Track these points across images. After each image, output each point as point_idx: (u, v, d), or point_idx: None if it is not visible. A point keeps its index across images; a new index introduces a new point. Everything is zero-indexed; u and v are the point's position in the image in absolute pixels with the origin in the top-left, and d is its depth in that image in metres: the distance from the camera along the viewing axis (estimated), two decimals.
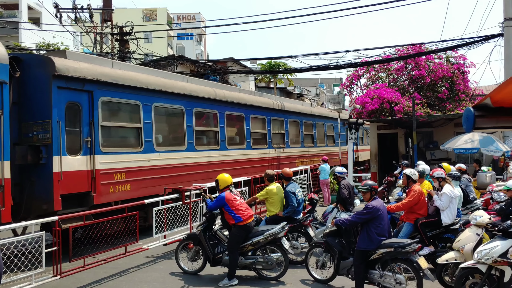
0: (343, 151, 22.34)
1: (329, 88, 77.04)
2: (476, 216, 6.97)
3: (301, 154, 20.23)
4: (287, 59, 27.90)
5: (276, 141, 17.82)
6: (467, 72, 21.02)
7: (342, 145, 22.52)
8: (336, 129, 24.36)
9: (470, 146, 13.86)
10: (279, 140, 18.11)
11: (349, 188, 9.63)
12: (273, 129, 17.48)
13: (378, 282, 6.72)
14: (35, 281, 6.97)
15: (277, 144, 17.78)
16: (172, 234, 9.95)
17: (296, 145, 19.78)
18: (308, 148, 20.93)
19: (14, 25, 31.00)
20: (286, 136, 18.75)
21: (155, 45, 39.52)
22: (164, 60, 23.06)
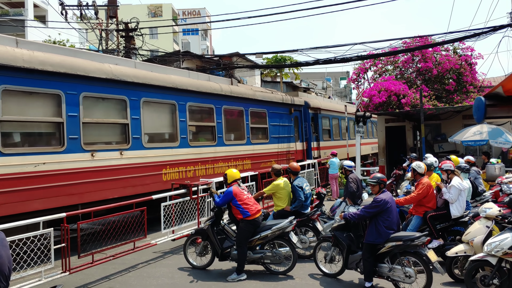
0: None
1: (336, 81, 76.85)
2: (486, 208, 6.92)
3: None
4: (293, 53, 27.88)
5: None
6: (475, 63, 20.84)
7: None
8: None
9: (478, 138, 13.76)
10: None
11: (357, 181, 9.59)
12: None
13: (387, 276, 6.69)
14: (45, 277, 7.00)
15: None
16: (180, 229, 9.96)
17: None
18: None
19: (20, 23, 31.11)
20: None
21: (160, 41, 39.55)
22: (170, 56, 23.06)
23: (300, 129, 18.62)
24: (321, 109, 20.51)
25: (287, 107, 17.65)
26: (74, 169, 9.10)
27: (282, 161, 16.34)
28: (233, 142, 14.30)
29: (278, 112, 16.94)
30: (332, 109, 22.82)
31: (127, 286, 7.31)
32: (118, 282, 7.55)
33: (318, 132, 20.12)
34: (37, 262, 7.01)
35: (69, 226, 7.37)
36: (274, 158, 16.14)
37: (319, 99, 23.41)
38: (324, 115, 21.19)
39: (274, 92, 18.18)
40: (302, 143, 18.70)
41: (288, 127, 17.60)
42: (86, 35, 32.30)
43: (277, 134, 16.72)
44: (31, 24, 31.80)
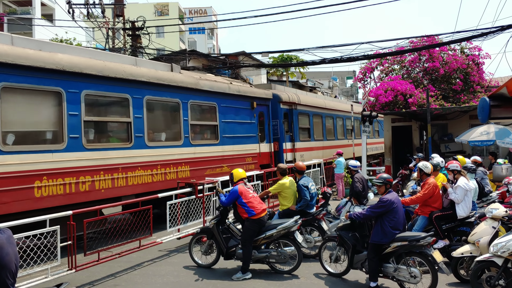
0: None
1: (342, 81, 76.69)
2: (492, 209, 6.89)
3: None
4: (299, 52, 27.83)
5: None
6: (482, 63, 20.71)
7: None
8: None
9: (485, 138, 13.69)
10: None
11: (363, 181, 9.58)
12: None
13: (392, 276, 6.68)
14: (51, 274, 7.05)
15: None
16: (185, 228, 9.98)
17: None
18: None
19: (28, 22, 31.28)
20: None
21: (167, 40, 39.59)
22: (176, 55, 23.11)
23: (267, 128, 15.77)
24: (297, 104, 17.78)
25: (248, 100, 14.81)
26: None
27: (238, 166, 12.36)
28: (161, 144, 11.38)
29: (234, 106, 14.02)
30: (313, 104, 19.92)
31: (132, 284, 7.34)
32: (123, 280, 7.58)
33: (293, 131, 17.32)
34: (43, 260, 7.06)
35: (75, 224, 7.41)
36: (227, 163, 13.37)
37: (300, 93, 20.15)
38: (302, 111, 18.37)
39: (233, 82, 15.24)
40: (268, 144, 15.87)
41: (248, 125, 14.74)
42: (93, 33, 32.45)
43: (232, 133, 13.87)
44: (38, 22, 31.95)
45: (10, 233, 4.36)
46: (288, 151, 17.01)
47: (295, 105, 17.57)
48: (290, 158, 16.87)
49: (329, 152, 20.16)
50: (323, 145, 20.33)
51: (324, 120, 20.88)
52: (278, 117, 16.59)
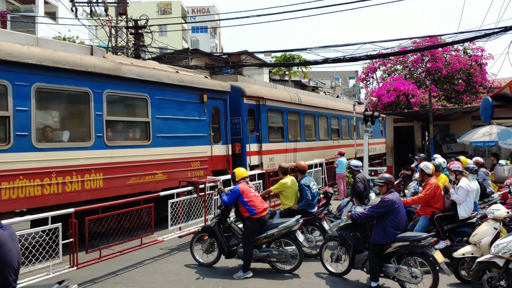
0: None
1: (344, 80, 76.67)
2: (494, 210, 6.89)
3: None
4: (301, 52, 27.66)
5: None
6: (485, 64, 20.71)
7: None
8: None
9: (487, 139, 13.68)
10: None
11: (364, 181, 9.59)
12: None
13: (393, 276, 6.68)
14: (52, 271, 7.07)
15: None
16: (187, 226, 10.00)
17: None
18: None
19: (31, 19, 31.35)
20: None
21: (169, 39, 39.60)
22: (179, 54, 23.14)
23: (224, 126, 13.29)
24: (266, 99, 15.34)
25: (196, 93, 12.23)
26: None
27: (180, 172, 11.24)
28: (59, 145, 8.94)
29: (175, 99, 11.52)
30: (288, 100, 17.23)
31: (133, 282, 7.35)
32: (125, 277, 7.60)
33: (261, 130, 14.91)
34: (45, 257, 7.08)
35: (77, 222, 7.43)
36: (162, 169, 10.87)
37: (270, 87, 17.73)
38: (273, 107, 15.96)
39: (181, 71, 12.71)
40: (225, 146, 13.34)
41: (196, 123, 12.21)
42: (96, 32, 32.48)
43: (171, 132, 11.33)
44: (41, 20, 32.01)
45: (13, 229, 4.38)
46: (254, 153, 14.50)
47: (264, 100, 15.14)
48: (256, 162, 14.55)
49: (308, 154, 17.99)
50: (301, 147, 17.80)
51: (302, 118, 18.17)
52: (240, 114, 14.13)
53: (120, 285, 7.19)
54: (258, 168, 14.30)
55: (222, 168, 13.21)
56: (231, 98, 13.88)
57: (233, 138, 13.88)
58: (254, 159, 14.56)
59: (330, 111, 21.27)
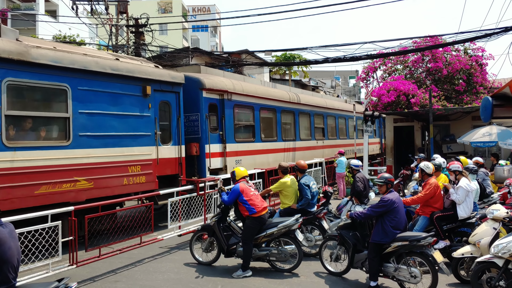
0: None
1: (344, 80, 76.66)
2: (493, 210, 6.89)
3: None
4: (302, 51, 27.60)
5: None
6: (485, 64, 20.73)
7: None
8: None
9: (487, 139, 13.68)
10: None
11: (364, 181, 9.59)
12: None
13: (393, 275, 6.68)
14: (52, 269, 7.08)
15: None
16: (186, 225, 10.01)
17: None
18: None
19: (31, 18, 31.35)
20: None
21: (170, 37, 39.58)
22: (179, 52, 23.14)
23: (176, 124, 11.40)
24: (232, 93, 13.51)
25: (136, 83, 10.35)
26: None
27: (113, 179, 9.56)
28: None
29: (106, 91, 9.63)
30: (262, 95, 15.25)
31: (133, 280, 7.36)
32: (124, 276, 7.60)
33: (224, 128, 13.15)
34: (44, 255, 7.09)
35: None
36: (86, 175, 9.08)
37: (237, 79, 15.40)
38: (242, 103, 14.13)
39: (122, 58, 10.84)
40: (176, 147, 11.43)
41: (137, 119, 10.33)
42: (96, 30, 32.49)
43: (100, 130, 9.51)
44: (42, 18, 32.00)
45: (12, 227, 4.39)
46: (215, 155, 12.69)
47: (229, 94, 13.33)
48: (218, 165, 12.74)
49: (287, 156, 16.52)
50: (278, 147, 16.07)
51: (279, 116, 16.29)
52: (199, 110, 12.30)
53: (120, 284, 7.19)
54: (222, 172, 12.70)
55: (172, 172, 11.24)
56: (187, 92, 12.05)
57: (189, 138, 12.20)
58: (216, 162, 12.69)
59: (315, 109, 19.36)
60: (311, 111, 18.96)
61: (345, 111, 22.35)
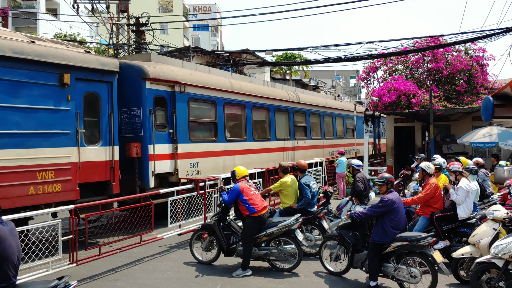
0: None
1: (345, 80, 76.66)
2: (493, 210, 6.89)
3: None
4: (303, 51, 27.57)
5: None
6: (486, 65, 20.72)
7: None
8: None
9: (488, 140, 13.66)
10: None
11: (364, 181, 9.59)
12: None
13: (392, 275, 6.69)
14: (52, 268, 7.09)
15: None
16: (186, 224, 10.01)
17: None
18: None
19: (32, 16, 31.36)
20: None
21: (171, 36, 39.56)
22: (180, 52, 23.15)
23: (107, 120, 9.66)
24: (186, 84, 11.79)
25: (50, 70, 8.70)
26: None
27: (11, 189, 7.89)
28: None
29: (7, 79, 7.99)
30: (226, 88, 13.52)
31: (133, 279, 7.36)
32: (124, 274, 7.61)
33: (175, 126, 11.40)
34: (44, 253, 7.10)
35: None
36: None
37: (191, 68, 13.43)
38: (200, 97, 12.39)
39: (30, 38, 9.10)
40: (107, 147, 9.75)
41: (50, 114, 8.65)
42: (97, 29, 32.46)
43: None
44: (42, 17, 32.01)
45: (13, 225, 4.40)
46: (162, 157, 11.03)
47: (182, 86, 11.64)
48: (166, 169, 11.15)
49: (260, 157, 14.84)
50: (248, 148, 14.39)
51: (249, 112, 14.55)
52: (141, 103, 10.68)
53: (120, 282, 7.20)
54: (172, 177, 11.26)
55: (100, 179, 9.62)
56: (128, 83, 10.65)
57: (130, 137, 10.74)
58: (163, 165, 11.03)
59: (296, 105, 17.65)
60: (291, 107, 17.33)
61: (336, 109, 21.53)
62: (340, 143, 21.41)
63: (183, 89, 11.67)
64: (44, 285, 4.35)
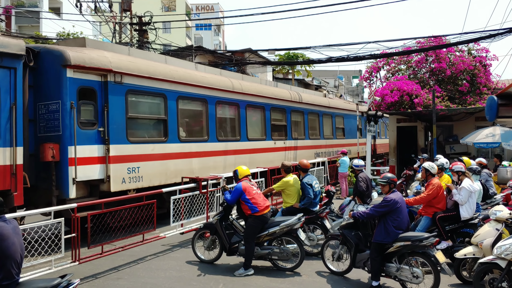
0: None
1: (348, 80, 76.55)
2: (496, 211, 6.88)
3: None
4: (305, 50, 27.52)
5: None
6: (489, 65, 20.68)
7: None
8: None
9: (491, 140, 13.63)
10: None
11: (367, 181, 9.58)
12: None
13: (395, 275, 6.68)
14: (55, 266, 7.10)
15: None
16: (189, 223, 10.01)
17: None
18: None
19: (35, 15, 31.41)
20: None
21: (173, 36, 39.65)
22: (183, 51, 23.16)
23: (9, 115, 7.90)
24: (123, 73, 10.04)
25: None
26: None
27: None
28: None
29: None
30: (176, 79, 11.45)
31: (135, 278, 7.37)
32: (126, 273, 7.61)
33: (107, 124, 9.64)
34: (47, 251, 7.11)
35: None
36: None
37: (134, 54, 11.32)
38: (142, 88, 10.55)
39: None
40: (7, 149, 7.94)
41: None
42: (100, 28, 32.51)
43: None
44: (45, 16, 32.05)
45: (16, 223, 4.41)
46: (88, 161, 9.30)
47: (118, 75, 9.92)
48: (96, 175, 9.44)
49: (221, 160, 12.95)
50: (208, 149, 12.53)
51: (211, 108, 12.71)
52: (60, 96, 8.93)
53: (122, 281, 7.20)
54: (103, 185, 9.55)
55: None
56: (47, 70, 9.06)
57: (47, 137, 9.09)
58: (90, 170, 9.28)
59: (270, 101, 15.66)
60: (266, 104, 15.45)
61: (323, 106, 20.02)
62: (322, 144, 19.97)
63: (119, 79, 9.90)
64: (47, 283, 4.37)
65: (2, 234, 4.11)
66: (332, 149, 20.47)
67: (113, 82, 9.80)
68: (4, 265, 4.11)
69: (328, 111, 20.61)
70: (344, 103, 24.42)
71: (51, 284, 4.33)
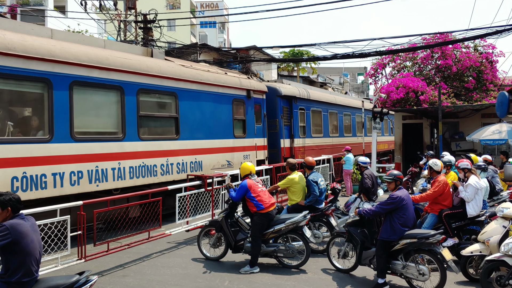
0: None
1: (353, 77, 76.35)
2: (503, 208, 6.84)
3: None
4: (310, 47, 27.44)
5: None
6: (496, 61, 20.53)
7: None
8: None
9: (497, 137, 13.57)
10: None
11: (372, 178, 9.55)
12: None
13: (401, 273, 6.66)
14: (61, 263, 7.13)
15: None
16: (194, 221, 10.03)
17: None
18: None
19: (41, 13, 31.47)
20: None
21: (178, 33, 39.58)
22: (187, 48, 23.12)
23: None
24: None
25: None
26: None
27: None
28: None
29: None
30: (73, 60, 8.61)
31: (141, 275, 7.39)
32: (132, 271, 7.64)
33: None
34: (53, 249, 7.14)
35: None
36: None
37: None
38: (14, 70, 7.68)
39: None
40: None
41: None
42: (105, 26, 32.57)
43: None
44: (51, 14, 32.12)
45: (34, 221, 4.42)
46: None
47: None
48: None
49: (142, 164, 10.16)
50: (129, 150, 9.87)
51: (133, 99, 10.02)
52: None
53: (128, 278, 7.22)
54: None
55: None
56: None
57: None
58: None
59: (201, 86, 12.17)
60: (201, 91, 12.12)
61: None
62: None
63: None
64: (65, 280, 4.38)
65: (21, 231, 4.12)
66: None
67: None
68: (24, 262, 4.12)
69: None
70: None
71: (69, 281, 4.34)
